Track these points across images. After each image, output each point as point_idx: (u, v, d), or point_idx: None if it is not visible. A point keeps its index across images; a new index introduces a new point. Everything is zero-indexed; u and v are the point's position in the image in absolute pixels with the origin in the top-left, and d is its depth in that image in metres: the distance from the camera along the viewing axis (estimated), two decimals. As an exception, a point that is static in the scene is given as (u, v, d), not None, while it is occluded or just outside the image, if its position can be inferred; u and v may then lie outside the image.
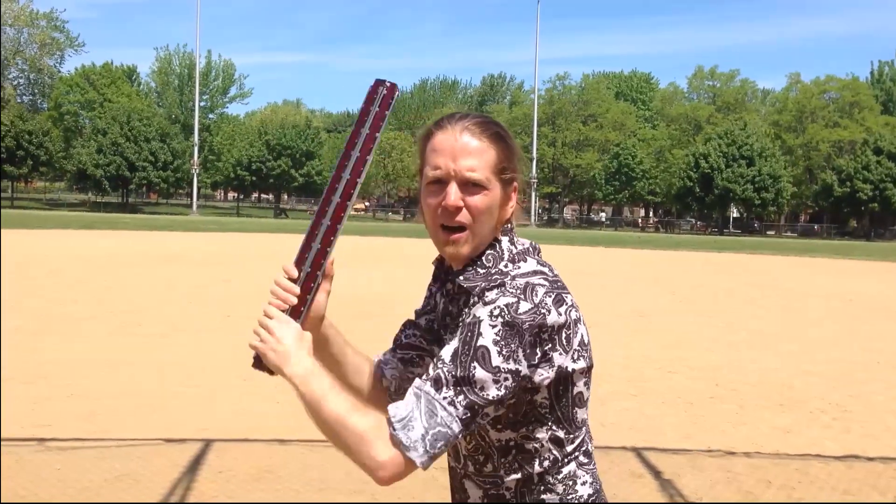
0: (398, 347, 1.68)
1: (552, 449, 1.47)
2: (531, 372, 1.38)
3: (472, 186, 1.45)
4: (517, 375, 1.35)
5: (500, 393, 1.34)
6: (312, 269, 1.46)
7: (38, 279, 14.56)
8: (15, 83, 77.33)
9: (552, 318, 1.38)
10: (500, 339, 1.34)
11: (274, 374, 1.43)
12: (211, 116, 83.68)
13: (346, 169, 1.46)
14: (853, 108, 72.37)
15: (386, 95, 1.47)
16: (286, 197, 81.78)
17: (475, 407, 1.34)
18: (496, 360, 1.33)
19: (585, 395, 1.48)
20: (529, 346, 1.36)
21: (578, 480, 1.49)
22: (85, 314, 10.76)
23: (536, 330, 1.36)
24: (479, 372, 1.33)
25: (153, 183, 67.88)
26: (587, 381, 1.48)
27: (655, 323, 12.00)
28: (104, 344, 8.70)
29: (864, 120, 70.85)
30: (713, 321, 12.44)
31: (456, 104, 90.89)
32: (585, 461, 1.51)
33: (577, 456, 1.49)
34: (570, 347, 1.41)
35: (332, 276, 1.51)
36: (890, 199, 64.65)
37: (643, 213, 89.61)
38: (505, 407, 1.40)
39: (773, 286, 19.22)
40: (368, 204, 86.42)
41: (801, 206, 78.56)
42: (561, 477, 1.48)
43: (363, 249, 25.49)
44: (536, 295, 1.38)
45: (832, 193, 66.51)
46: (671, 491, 4.64)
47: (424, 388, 1.35)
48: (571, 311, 1.42)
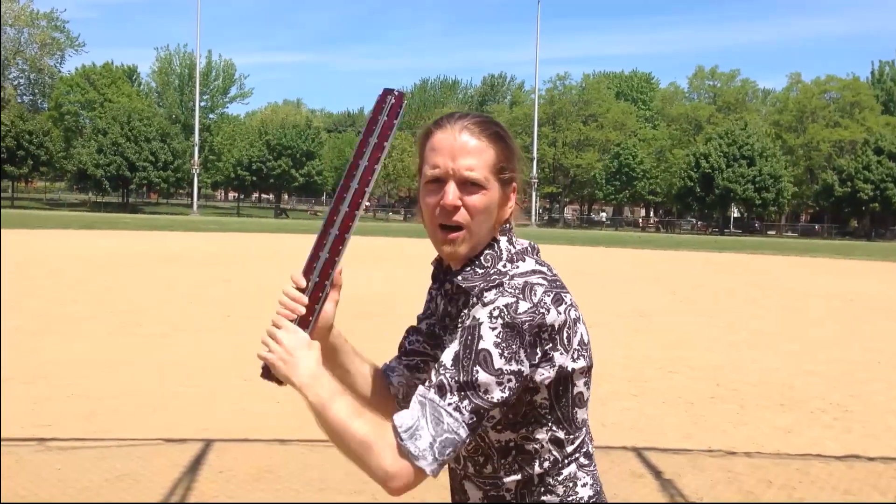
0: (403, 354, 1.68)
1: (552, 450, 1.46)
2: (532, 371, 1.38)
3: (470, 186, 1.44)
4: (520, 376, 1.35)
5: (504, 395, 1.34)
6: (321, 278, 1.46)
7: (38, 279, 14.56)
8: (15, 83, 77.35)
9: (551, 317, 1.37)
10: (500, 340, 1.33)
11: (283, 384, 1.41)
12: (211, 116, 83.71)
13: (354, 178, 1.45)
14: (854, 107, 72.35)
15: (394, 105, 1.46)
16: (286, 197, 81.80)
17: (481, 411, 1.33)
18: (498, 362, 1.33)
19: (585, 395, 1.48)
20: (530, 345, 1.36)
21: (579, 482, 1.48)
22: (85, 314, 10.76)
23: (536, 329, 1.36)
24: (482, 375, 1.32)
25: (153, 183, 67.91)
26: (587, 380, 1.48)
27: (656, 323, 12.00)
28: (104, 344, 8.69)
29: (864, 120, 70.85)
30: (714, 321, 12.43)
31: (456, 104, 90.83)
32: (586, 462, 1.50)
33: (577, 457, 1.49)
34: (570, 347, 1.41)
35: (340, 285, 1.50)
36: (891, 199, 64.62)
37: (644, 213, 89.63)
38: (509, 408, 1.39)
39: (773, 286, 19.22)
40: (369, 204, 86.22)
41: (801, 206, 78.54)
42: (561, 478, 1.47)
43: (363, 249, 25.47)
44: (535, 294, 1.38)
45: (833, 193, 66.51)
46: (672, 491, 4.64)
47: (429, 395, 1.34)
48: (571, 310, 1.42)
